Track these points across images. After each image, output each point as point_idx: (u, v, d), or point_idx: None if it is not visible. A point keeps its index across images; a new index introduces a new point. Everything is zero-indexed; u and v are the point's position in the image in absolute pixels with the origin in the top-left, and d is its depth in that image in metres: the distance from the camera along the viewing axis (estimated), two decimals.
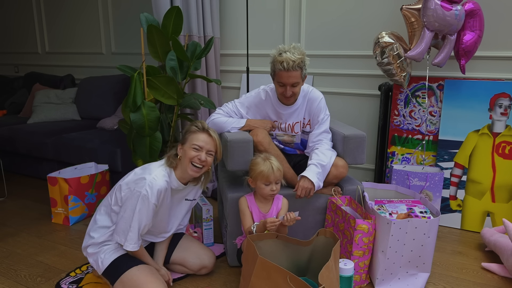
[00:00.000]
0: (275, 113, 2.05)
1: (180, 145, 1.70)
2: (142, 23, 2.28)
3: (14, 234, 2.40)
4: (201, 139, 1.66)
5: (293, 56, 1.83)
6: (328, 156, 1.91)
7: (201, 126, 1.69)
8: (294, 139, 2.11)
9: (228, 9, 3.15)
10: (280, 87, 1.92)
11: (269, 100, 2.05)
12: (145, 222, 1.61)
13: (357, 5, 2.72)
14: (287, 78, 1.86)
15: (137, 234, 1.61)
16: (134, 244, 1.62)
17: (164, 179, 1.64)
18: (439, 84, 2.47)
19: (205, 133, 1.68)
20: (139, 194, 1.58)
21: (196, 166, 1.66)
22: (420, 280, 1.81)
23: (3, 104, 4.35)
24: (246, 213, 1.80)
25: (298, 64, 1.84)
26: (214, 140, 1.69)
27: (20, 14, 4.60)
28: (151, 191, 1.58)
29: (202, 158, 1.66)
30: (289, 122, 2.06)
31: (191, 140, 1.66)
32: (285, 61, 1.82)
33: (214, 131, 1.72)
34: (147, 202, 1.58)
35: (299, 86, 1.93)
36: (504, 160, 2.32)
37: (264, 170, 1.72)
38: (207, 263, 1.90)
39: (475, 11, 2.18)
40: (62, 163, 3.18)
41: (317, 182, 1.84)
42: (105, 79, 3.73)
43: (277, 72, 1.88)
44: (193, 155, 1.65)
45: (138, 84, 2.14)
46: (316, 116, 2.03)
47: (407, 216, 1.87)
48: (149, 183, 1.58)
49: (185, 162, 1.66)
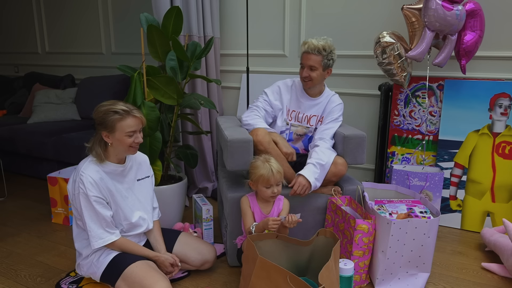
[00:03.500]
0: (296, 100, 2.17)
1: (105, 133, 1.64)
2: (142, 23, 2.28)
3: (14, 234, 2.40)
4: (131, 124, 1.64)
5: (316, 42, 2.02)
6: (327, 155, 1.93)
7: (123, 109, 1.64)
8: (307, 131, 2.16)
9: (228, 9, 3.15)
10: (300, 68, 2.08)
11: (294, 88, 2.19)
12: (100, 215, 1.63)
13: (357, 5, 2.72)
14: (306, 59, 2.03)
15: (97, 230, 1.64)
16: (100, 240, 1.64)
17: (94, 170, 1.64)
18: (439, 84, 2.47)
19: (131, 116, 1.64)
20: (78, 194, 1.62)
21: (136, 147, 1.70)
22: (420, 280, 1.81)
23: (3, 104, 4.35)
24: (248, 213, 1.80)
25: (318, 49, 2.00)
26: (140, 117, 1.68)
27: (20, 14, 4.60)
28: (84, 185, 1.60)
29: (139, 140, 1.69)
30: (308, 113, 2.15)
31: (121, 128, 1.63)
32: (308, 44, 2.02)
33: (135, 107, 1.68)
34: (87, 198, 1.61)
35: (316, 72, 2.04)
36: (504, 160, 2.32)
37: (264, 173, 1.71)
38: (209, 258, 1.90)
39: (476, 11, 2.18)
40: (62, 163, 3.18)
41: (314, 182, 1.85)
42: (105, 79, 3.73)
43: (301, 55, 2.07)
44: (130, 141, 1.66)
45: (138, 84, 2.14)
46: (331, 114, 2.13)
47: (407, 216, 1.87)
48: (79, 180, 1.61)
49: (123, 148, 1.67)
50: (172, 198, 2.35)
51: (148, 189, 1.87)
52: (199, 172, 2.98)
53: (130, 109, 1.65)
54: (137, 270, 1.63)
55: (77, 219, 1.72)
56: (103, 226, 1.65)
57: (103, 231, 1.65)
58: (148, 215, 1.84)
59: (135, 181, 1.81)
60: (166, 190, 2.31)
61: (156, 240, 1.85)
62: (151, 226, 1.85)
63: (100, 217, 1.64)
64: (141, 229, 1.80)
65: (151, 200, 1.88)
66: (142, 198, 1.83)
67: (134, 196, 1.79)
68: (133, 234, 1.78)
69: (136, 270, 1.62)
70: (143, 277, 1.60)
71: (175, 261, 1.78)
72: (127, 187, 1.76)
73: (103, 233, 1.65)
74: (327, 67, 2.06)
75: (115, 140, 1.65)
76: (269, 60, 3.09)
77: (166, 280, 1.63)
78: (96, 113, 1.65)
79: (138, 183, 1.82)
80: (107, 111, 1.62)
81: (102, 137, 1.65)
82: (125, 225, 1.74)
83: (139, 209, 1.80)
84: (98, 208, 1.62)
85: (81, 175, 1.62)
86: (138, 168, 1.83)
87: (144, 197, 1.84)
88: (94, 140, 1.69)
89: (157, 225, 1.89)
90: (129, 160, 1.79)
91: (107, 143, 1.67)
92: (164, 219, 2.28)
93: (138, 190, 1.82)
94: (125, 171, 1.76)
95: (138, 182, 1.82)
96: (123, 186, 1.75)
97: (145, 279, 1.59)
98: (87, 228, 1.64)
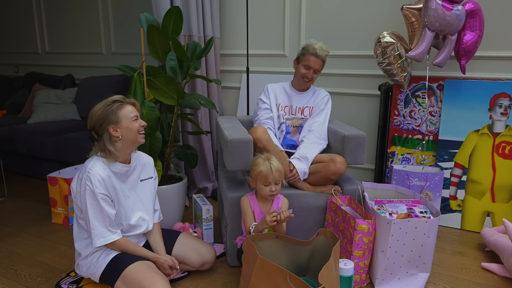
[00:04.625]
0: (287, 96, 2.30)
1: (111, 127, 1.64)
2: (142, 23, 2.28)
3: (14, 234, 2.40)
4: (131, 110, 1.68)
5: (325, 48, 2.17)
6: (311, 150, 2.08)
7: (117, 99, 1.67)
8: (302, 122, 2.27)
9: (228, 9, 3.15)
10: (305, 69, 2.18)
11: (282, 87, 2.33)
12: (105, 213, 1.63)
13: (357, 5, 2.72)
14: (314, 62, 2.15)
15: (100, 228, 1.63)
16: (102, 239, 1.64)
17: (102, 167, 1.64)
18: (439, 84, 2.47)
19: (127, 103, 1.68)
20: (84, 191, 1.61)
21: (143, 132, 1.72)
22: (420, 280, 1.81)
23: (3, 104, 4.35)
24: (248, 213, 1.80)
25: (324, 56, 2.17)
26: (135, 103, 1.72)
27: (21, 14, 4.60)
28: (92, 183, 1.60)
29: (144, 123, 1.71)
30: (300, 105, 2.28)
31: (125, 115, 1.65)
32: (318, 49, 2.14)
33: (125, 96, 1.72)
34: (93, 195, 1.60)
35: (317, 74, 2.22)
36: (504, 160, 2.32)
37: (263, 170, 1.72)
38: (208, 258, 1.90)
39: (476, 11, 2.18)
40: (62, 163, 3.18)
41: (304, 170, 2.01)
42: (105, 79, 3.73)
43: (307, 56, 2.16)
44: (136, 126, 1.68)
45: (138, 84, 2.14)
46: (318, 105, 2.26)
47: (407, 216, 1.87)
48: (86, 178, 1.61)
49: (133, 136, 1.68)
50: (172, 198, 2.35)
51: (151, 190, 1.87)
52: (199, 172, 2.98)
53: (123, 98, 1.69)
54: (136, 270, 1.62)
55: (79, 218, 1.71)
56: (106, 225, 1.65)
57: (106, 230, 1.65)
58: (149, 216, 1.84)
59: (138, 181, 1.82)
60: (166, 190, 2.31)
61: (156, 241, 1.84)
62: (151, 227, 1.85)
63: (104, 215, 1.63)
64: (140, 230, 1.80)
65: (152, 201, 1.88)
66: (144, 198, 1.83)
67: (136, 196, 1.79)
68: (133, 234, 1.78)
69: (135, 271, 1.62)
70: (142, 278, 1.59)
71: (174, 263, 1.77)
72: (129, 187, 1.77)
73: (105, 232, 1.65)
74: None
75: (123, 129, 1.65)
76: (269, 60, 3.09)
77: (165, 281, 1.62)
78: (93, 117, 1.64)
79: (141, 184, 1.83)
80: (104, 105, 1.64)
81: (110, 135, 1.65)
82: (125, 225, 1.74)
83: (140, 209, 1.80)
84: (104, 206, 1.62)
85: (89, 172, 1.61)
86: (142, 169, 1.83)
87: (146, 198, 1.84)
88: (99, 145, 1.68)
89: (158, 227, 1.89)
90: (134, 161, 1.79)
91: (114, 140, 1.66)
92: (164, 219, 2.28)
93: (141, 190, 1.82)
94: (129, 171, 1.76)
95: (141, 183, 1.83)
96: (126, 186, 1.75)
97: (144, 279, 1.59)
98: (90, 225, 1.63)
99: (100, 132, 1.65)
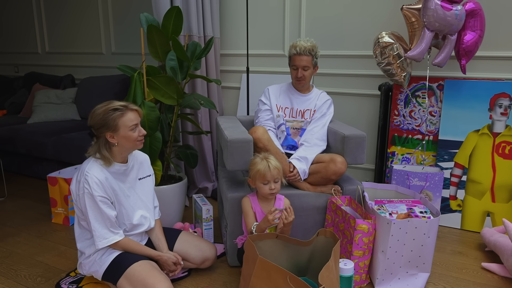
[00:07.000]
0: (287, 98, 2.28)
1: (109, 134, 1.63)
2: (142, 23, 2.28)
3: (14, 234, 2.40)
4: (132, 118, 1.65)
5: (305, 43, 2.13)
6: (311, 152, 2.08)
7: (121, 105, 1.65)
8: (303, 125, 2.25)
9: (228, 9, 3.15)
10: (294, 70, 2.19)
11: (283, 88, 2.32)
12: (105, 215, 1.63)
13: (357, 5, 2.72)
14: (299, 61, 2.14)
15: (101, 230, 1.64)
16: (104, 240, 1.64)
17: (99, 169, 1.64)
18: (439, 84, 2.47)
19: (129, 110, 1.66)
20: (83, 194, 1.61)
21: (141, 140, 1.70)
22: (420, 280, 1.81)
23: (3, 104, 4.35)
24: (250, 214, 1.80)
25: (309, 50, 2.13)
26: (137, 109, 1.70)
27: (21, 14, 4.60)
28: (90, 185, 1.60)
29: (143, 132, 1.70)
30: (301, 108, 2.25)
31: (124, 124, 1.63)
32: (298, 46, 2.13)
33: (129, 102, 1.70)
34: (92, 198, 1.61)
35: (309, 71, 2.18)
36: (504, 160, 2.32)
37: (260, 168, 1.73)
38: (209, 255, 1.91)
39: (476, 11, 2.18)
40: (62, 163, 3.18)
41: (304, 171, 2.02)
42: (105, 79, 3.73)
43: (292, 57, 2.17)
44: (135, 135, 1.66)
45: (138, 84, 2.14)
46: (320, 109, 2.23)
47: (407, 216, 1.87)
48: (84, 181, 1.61)
49: (130, 144, 1.67)
50: (172, 198, 2.35)
51: (150, 188, 1.88)
52: (199, 172, 2.98)
53: (127, 104, 1.67)
54: (140, 269, 1.64)
55: (80, 219, 1.72)
56: (107, 226, 1.65)
57: (107, 231, 1.65)
58: (150, 214, 1.85)
59: (137, 180, 1.82)
60: (166, 190, 2.31)
61: (158, 239, 1.86)
62: (153, 225, 1.86)
63: (105, 217, 1.64)
64: (143, 228, 1.81)
65: (152, 199, 1.89)
66: (144, 197, 1.83)
67: (136, 195, 1.79)
68: (135, 233, 1.79)
69: (139, 269, 1.63)
70: (146, 277, 1.61)
71: (177, 259, 1.79)
72: (129, 186, 1.77)
73: (107, 233, 1.65)
74: (315, 65, 2.21)
75: (120, 138, 1.65)
76: (269, 60, 3.09)
77: (168, 281, 1.64)
78: (93, 117, 1.63)
79: (140, 182, 1.83)
80: (105, 111, 1.62)
81: (107, 139, 1.64)
82: (128, 224, 1.75)
83: (141, 208, 1.81)
84: (103, 208, 1.62)
85: (86, 175, 1.61)
86: (139, 167, 1.84)
87: (146, 196, 1.84)
88: (97, 146, 1.67)
89: (159, 224, 1.90)
90: (131, 160, 1.79)
91: (111, 145, 1.66)
92: (164, 219, 2.28)
93: (140, 189, 1.82)
94: (127, 170, 1.77)
95: (140, 181, 1.83)
96: (125, 185, 1.75)
97: (147, 278, 1.60)
98: (92, 228, 1.64)
99: (98, 134, 1.65)
